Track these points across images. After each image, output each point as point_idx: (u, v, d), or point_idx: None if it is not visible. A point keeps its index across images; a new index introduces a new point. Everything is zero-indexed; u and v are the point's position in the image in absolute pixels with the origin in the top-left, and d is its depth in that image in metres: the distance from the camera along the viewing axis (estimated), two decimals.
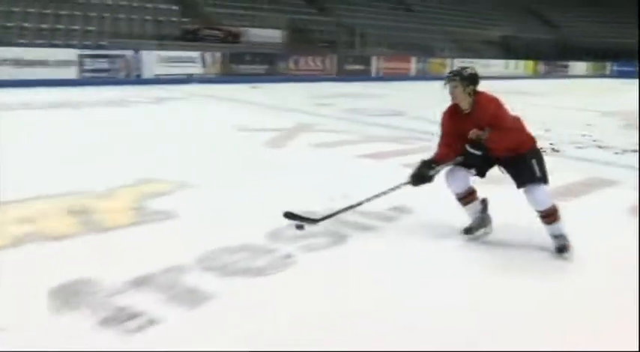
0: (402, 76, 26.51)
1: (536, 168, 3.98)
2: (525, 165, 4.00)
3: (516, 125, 4.09)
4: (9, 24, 18.39)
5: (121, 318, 2.99)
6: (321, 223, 4.43)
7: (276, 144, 8.26)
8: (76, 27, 19.71)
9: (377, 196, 4.37)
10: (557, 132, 9.88)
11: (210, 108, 13.55)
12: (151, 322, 2.98)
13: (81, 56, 17.72)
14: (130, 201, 5.09)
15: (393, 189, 4.35)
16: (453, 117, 4.16)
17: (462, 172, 4.20)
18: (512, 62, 33.26)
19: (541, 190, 3.99)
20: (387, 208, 4.85)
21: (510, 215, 4.54)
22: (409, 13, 34.68)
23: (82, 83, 16.84)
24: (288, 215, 4.46)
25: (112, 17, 20.76)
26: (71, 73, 17.35)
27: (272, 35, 24.16)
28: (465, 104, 4.06)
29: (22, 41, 17.85)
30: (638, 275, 3.69)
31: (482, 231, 4.35)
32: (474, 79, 4.04)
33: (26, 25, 18.70)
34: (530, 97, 18.62)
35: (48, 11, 19.56)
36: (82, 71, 17.60)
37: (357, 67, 24.98)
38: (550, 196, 4.08)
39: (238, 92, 16.65)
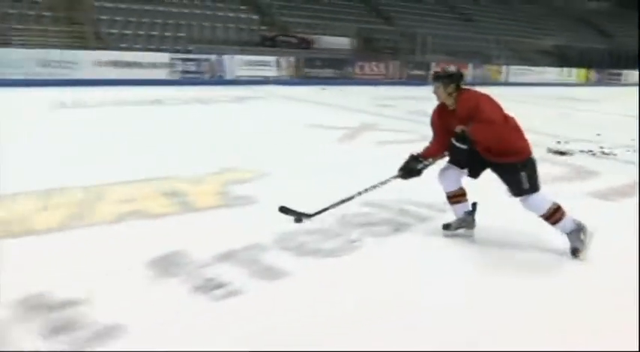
0: None
1: (524, 181, 3.72)
2: (513, 178, 3.76)
3: (500, 119, 3.69)
4: (112, 31, 19.08)
5: (209, 287, 3.13)
6: (382, 214, 4.47)
7: (343, 141, 8.31)
8: (168, 34, 20.26)
9: (367, 190, 4.22)
10: (607, 136, 9.55)
11: (284, 107, 13.70)
12: (235, 292, 3.10)
13: (172, 59, 18.24)
14: (217, 186, 5.25)
15: (383, 183, 4.21)
16: (441, 115, 3.98)
17: (454, 172, 3.99)
18: (565, 70, 32.22)
19: (533, 198, 3.77)
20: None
21: (509, 214, 4.25)
22: (468, 23, 34.06)
23: (172, 83, 17.31)
24: (283, 209, 4.38)
25: (200, 25, 21.24)
26: (163, 73, 17.86)
27: (341, 42, 24.21)
28: (449, 102, 3.86)
29: (122, 45, 18.47)
30: (638, 275, 3.51)
31: (461, 230, 4.14)
32: (453, 77, 3.82)
33: (126, 32, 19.34)
34: (581, 103, 18.03)
35: (145, 20, 20.17)
36: (173, 72, 18.10)
37: (418, 72, 24.69)
38: (545, 199, 3.81)
39: (309, 93, 16.75)
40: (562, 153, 7.72)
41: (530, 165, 3.77)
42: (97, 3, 19.79)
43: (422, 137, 8.76)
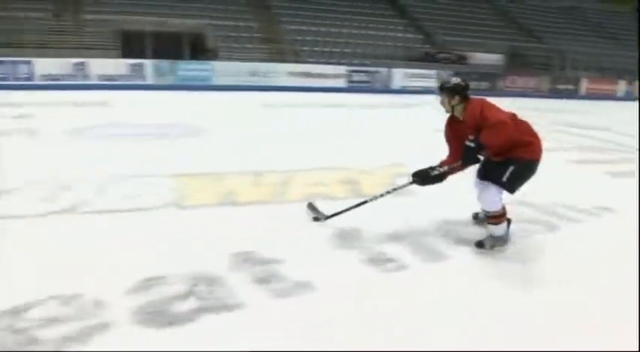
0: (608, 96, 23.46)
1: (506, 174, 3.20)
2: (500, 166, 3.24)
3: (507, 120, 3.14)
4: (304, 48, 19.90)
5: (381, 260, 3.15)
6: (536, 214, 4.18)
7: None
8: (347, 50, 20.67)
9: (382, 195, 3.78)
10: None
11: (442, 114, 13.30)
12: (402, 267, 3.09)
13: (349, 71, 18.59)
14: (385, 178, 5.25)
15: (396, 189, 3.77)
16: (452, 127, 3.49)
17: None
18: None
19: (494, 193, 3.24)
20: (593, 206, 4.41)
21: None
22: (615, 41, 30.58)
23: (348, 90, 17.65)
24: (310, 206, 4.01)
25: (374, 44, 21.40)
26: (341, 82, 18.29)
27: (494, 58, 23.02)
28: (457, 113, 3.37)
29: (310, 59, 19.20)
30: (638, 275, 3.05)
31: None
32: (456, 89, 3.32)
33: (315, 49, 20.06)
34: None
35: (328, 39, 20.75)
36: (349, 82, 18.45)
37: (567, 86, 22.66)
38: (501, 202, 3.29)
39: None
40: None
41: (523, 168, 3.24)
42: (294, 27, 20.75)
43: (572, 146, 8.19)
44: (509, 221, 3.43)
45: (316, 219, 3.83)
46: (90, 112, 9.72)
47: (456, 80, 3.38)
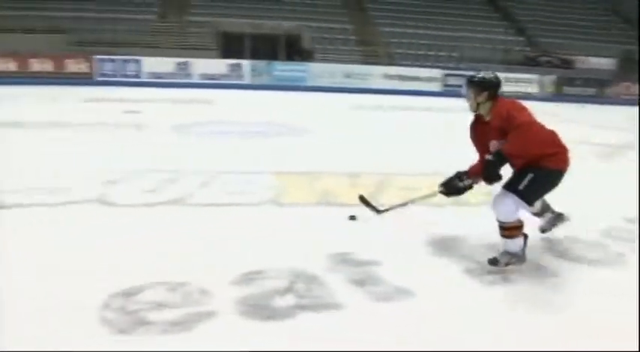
0: None
1: (524, 182, 2.88)
2: (518, 173, 2.95)
3: (535, 122, 2.86)
4: (399, 50, 19.75)
5: (481, 271, 3.04)
6: None
7: (602, 157, 7.38)
8: (442, 53, 20.24)
9: (413, 201, 3.53)
10: None
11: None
12: (505, 279, 2.96)
13: (445, 74, 18.21)
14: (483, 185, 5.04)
15: (427, 197, 3.49)
16: (476, 128, 3.17)
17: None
18: None
19: (509, 203, 2.91)
20: None
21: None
22: None
23: (444, 94, 17.28)
24: (362, 199, 3.73)
25: (471, 46, 20.76)
26: (435, 86, 17.95)
27: (604, 63, 21.50)
28: (483, 112, 3.05)
29: (404, 62, 19.02)
30: (638, 275, 2.93)
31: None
32: (486, 84, 2.99)
33: (410, 51, 19.84)
34: None
35: (424, 42, 20.42)
36: (445, 85, 18.07)
37: None
38: (518, 213, 2.98)
39: (567, 110, 15.24)
40: None
41: (544, 177, 2.92)
42: (389, 29, 20.64)
43: None
44: (525, 236, 3.12)
45: (352, 217, 3.75)
46: (193, 109, 10.27)
47: (486, 74, 3.09)
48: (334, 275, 2.89)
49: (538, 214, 3.40)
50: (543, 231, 3.47)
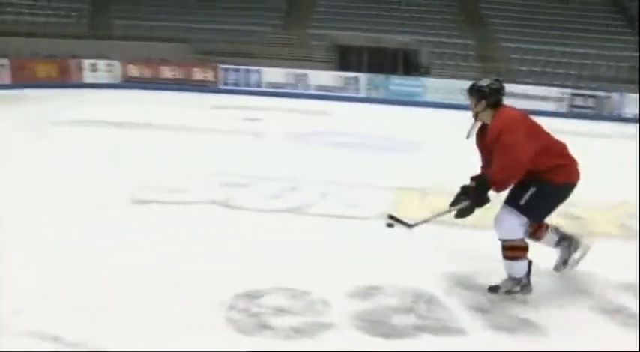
0: None
1: (525, 196, 2.70)
2: (520, 187, 2.73)
3: (525, 150, 2.65)
4: (522, 67, 18.91)
5: (614, 310, 2.79)
6: None
7: None
8: (570, 72, 19.05)
9: (446, 212, 3.12)
10: None
11: None
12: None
13: (571, 94, 17.12)
14: (613, 216, 4.69)
15: (448, 211, 3.08)
16: (480, 135, 2.98)
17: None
18: None
19: (511, 219, 2.72)
20: None
21: None
22: None
23: (569, 116, 16.22)
24: (391, 217, 3.21)
25: (602, 64, 19.33)
26: (560, 106, 16.92)
27: None
28: (486, 120, 2.87)
29: (526, 80, 18.14)
30: (637, 275, 2.31)
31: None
32: (482, 93, 2.84)
33: (534, 69, 18.93)
34: None
35: (550, 59, 19.37)
36: (570, 106, 16.98)
37: None
38: (522, 231, 2.76)
39: None
40: None
41: (548, 191, 2.72)
42: (512, 44, 19.84)
43: None
44: (529, 263, 2.83)
45: (390, 225, 3.23)
46: (310, 119, 10.60)
47: (485, 82, 2.94)
48: (454, 298, 2.84)
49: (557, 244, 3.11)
50: (557, 269, 3.11)
